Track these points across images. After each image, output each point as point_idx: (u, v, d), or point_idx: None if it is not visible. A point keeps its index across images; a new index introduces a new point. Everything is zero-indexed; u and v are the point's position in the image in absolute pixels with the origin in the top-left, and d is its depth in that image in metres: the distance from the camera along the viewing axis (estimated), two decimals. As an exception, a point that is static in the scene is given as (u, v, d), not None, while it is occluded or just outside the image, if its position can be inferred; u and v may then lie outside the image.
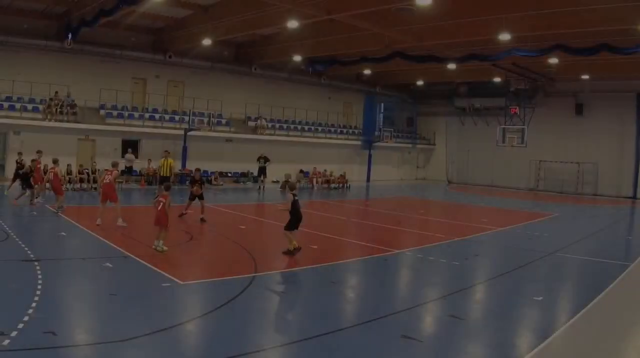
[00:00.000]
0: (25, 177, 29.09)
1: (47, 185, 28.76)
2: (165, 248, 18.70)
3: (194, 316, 12.78)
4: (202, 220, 26.32)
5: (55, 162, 28.08)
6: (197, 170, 29.06)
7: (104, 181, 24.70)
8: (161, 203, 19.23)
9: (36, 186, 29.18)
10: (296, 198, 19.78)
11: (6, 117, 40.41)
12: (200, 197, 27.20)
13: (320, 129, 60.31)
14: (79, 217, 26.42)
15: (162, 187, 20.76)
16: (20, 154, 32.89)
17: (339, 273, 18.16)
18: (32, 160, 29.67)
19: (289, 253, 19.48)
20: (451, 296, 15.59)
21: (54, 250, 18.97)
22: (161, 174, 36.50)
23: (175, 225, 24.45)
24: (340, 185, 53.42)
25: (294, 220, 19.52)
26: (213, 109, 50.65)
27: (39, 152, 30.55)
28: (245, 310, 13.37)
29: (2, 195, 31.53)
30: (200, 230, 24.79)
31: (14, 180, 31.42)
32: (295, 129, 57.99)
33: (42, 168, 29.97)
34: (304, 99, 61.12)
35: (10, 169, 32.31)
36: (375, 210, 38.80)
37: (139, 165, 44.60)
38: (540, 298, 15.78)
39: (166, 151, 37.51)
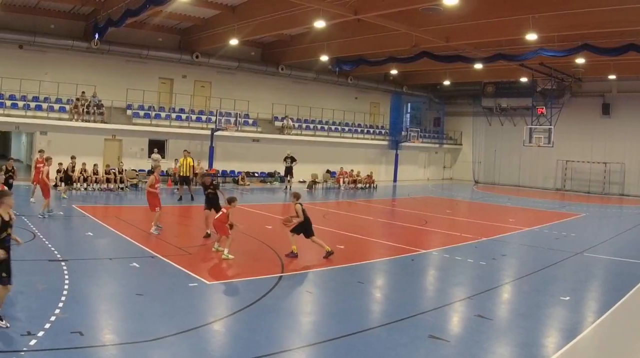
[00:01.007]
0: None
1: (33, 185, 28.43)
2: (230, 256, 18.45)
3: (221, 316, 12.78)
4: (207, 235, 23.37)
5: (47, 159, 26.33)
6: (206, 175, 26.53)
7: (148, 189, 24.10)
8: (222, 214, 19.35)
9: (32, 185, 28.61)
10: (302, 207, 19.59)
11: (33, 117, 40.69)
12: (215, 207, 22.94)
13: (347, 129, 60.20)
14: (106, 217, 26.55)
15: (227, 199, 20.25)
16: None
17: (366, 273, 18.16)
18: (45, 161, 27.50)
19: (328, 254, 19.42)
20: (478, 296, 15.54)
21: (81, 250, 19.01)
22: (181, 174, 36.52)
23: (201, 225, 24.50)
24: (367, 185, 53.21)
25: (304, 225, 19.51)
26: (240, 109, 50.60)
27: (40, 151, 30.28)
28: (272, 310, 13.38)
29: (28, 196, 31.51)
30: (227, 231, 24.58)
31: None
32: (322, 129, 57.92)
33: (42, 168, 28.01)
34: (331, 99, 61.11)
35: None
36: (402, 210, 38.74)
37: (165, 165, 44.18)
38: (567, 298, 15.72)
39: (186, 151, 37.59)
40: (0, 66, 40.85)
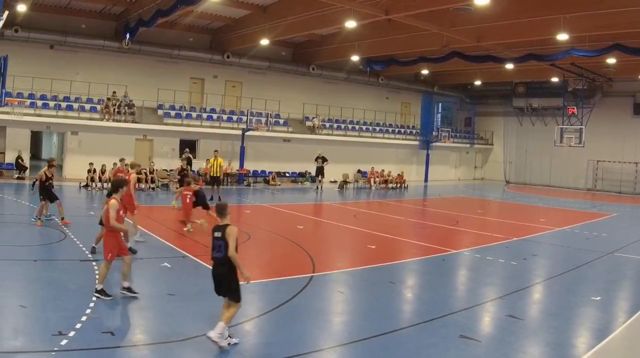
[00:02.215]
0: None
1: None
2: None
3: (252, 316, 12.73)
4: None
5: (132, 166, 23.87)
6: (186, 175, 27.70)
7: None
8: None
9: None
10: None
11: (64, 117, 40.84)
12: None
13: (378, 129, 60.08)
14: (137, 216, 26.59)
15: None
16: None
17: (397, 273, 18.10)
18: (50, 165, 24.84)
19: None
20: (509, 296, 15.50)
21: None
22: (212, 174, 36.62)
23: (233, 224, 24.70)
24: (398, 185, 53.11)
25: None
26: (271, 109, 50.71)
27: (121, 159, 29.48)
28: (303, 310, 13.41)
29: (60, 196, 31.33)
30: (258, 230, 24.64)
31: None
32: (353, 129, 57.79)
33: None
34: (362, 98, 60.99)
35: (69, 169, 31.75)
36: (433, 210, 38.65)
37: (196, 165, 44.42)
38: (599, 298, 15.67)
39: (215, 150, 37.64)
40: (31, 66, 40.98)
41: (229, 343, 10.70)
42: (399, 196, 46.89)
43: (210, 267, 11.08)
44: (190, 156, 40.90)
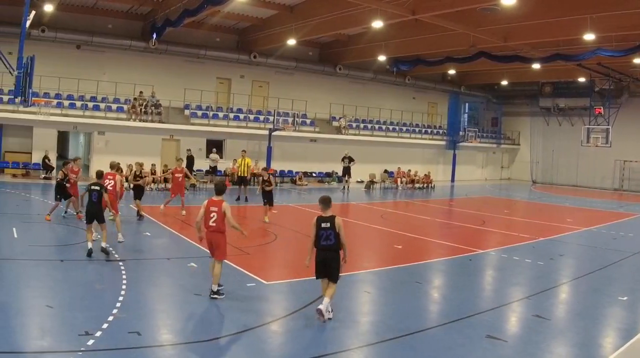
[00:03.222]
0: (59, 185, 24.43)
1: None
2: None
3: (279, 316, 12.83)
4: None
5: (73, 160, 25.40)
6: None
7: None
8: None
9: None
10: None
11: (91, 117, 41.08)
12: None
13: (404, 129, 59.93)
14: (164, 216, 26.67)
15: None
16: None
17: (423, 273, 18.12)
18: (64, 164, 25.56)
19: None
20: (536, 296, 15.47)
21: (139, 250, 19.24)
22: (239, 174, 36.61)
23: (259, 225, 24.72)
24: (425, 185, 52.97)
25: None
26: (297, 109, 50.76)
27: (179, 160, 29.47)
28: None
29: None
30: (285, 230, 24.78)
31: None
32: (380, 129, 57.69)
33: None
34: (389, 99, 60.88)
35: (96, 169, 32.00)
36: (459, 210, 38.56)
37: (223, 165, 44.73)
38: (625, 298, 15.62)
39: (243, 151, 37.69)
40: (58, 66, 41.25)
41: (329, 318, 12.36)
42: (426, 196, 46.79)
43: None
44: (193, 155, 41.31)
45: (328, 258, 12.59)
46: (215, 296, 13.56)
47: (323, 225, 12.61)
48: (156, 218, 25.81)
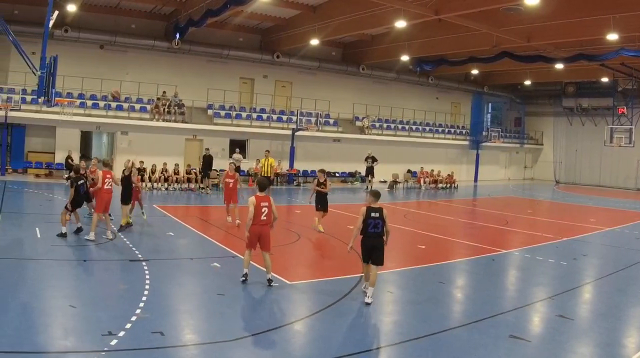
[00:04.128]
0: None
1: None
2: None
3: (302, 316, 12.82)
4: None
5: (105, 165, 21.68)
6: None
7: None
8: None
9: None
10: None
11: (114, 117, 41.26)
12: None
13: (428, 129, 59.86)
14: (187, 216, 26.84)
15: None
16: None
17: (447, 273, 18.10)
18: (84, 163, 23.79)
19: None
20: (559, 296, 15.41)
21: (162, 250, 19.19)
22: (262, 174, 36.56)
23: (283, 225, 24.68)
24: (448, 185, 52.86)
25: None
26: (321, 109, 50.96)
27: (231, 163, 28.23)
28: (353, 310, 13.41)
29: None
30: (308, 231, 24.63)
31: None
32: (403, 129, 57.60)
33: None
34: (412, 98, 60.82)
35: (119, 169, 31.73)
36: (482, 210, 38.51)
37: (246, 165, 44.73)
38: (649, 298, 15.59)
39: (267, 151, 37.69)
40: (81, 66, 41.47)
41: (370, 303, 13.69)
42: (449, 196, 46.73)
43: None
44: (212, 155, 40.85)
45: (376, 244, 13.96)
46: (272, 285, 14.73)
47: (372, 214, 13.95)
48: (180, 218, 25.80)
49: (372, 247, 14.01)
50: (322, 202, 24.38)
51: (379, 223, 13.97)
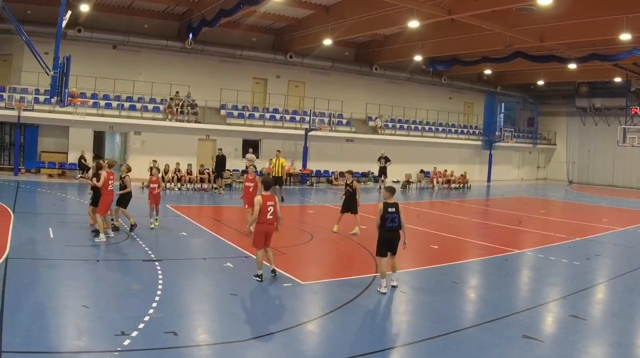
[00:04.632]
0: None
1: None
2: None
3: (315, 316, 12.79)
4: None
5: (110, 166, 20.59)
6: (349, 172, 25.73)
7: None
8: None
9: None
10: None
11: (127, 117, 41.43)
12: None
13: (440, 129, 59.82)
14: (200, 216, 26.85)
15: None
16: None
17: (459, 273, 18.07)
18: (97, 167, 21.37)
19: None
20: (572, 296, 15.39)
21: (175, 250, 19.21)
22: (273, 174, 36.64)
23: (295, 225, 24.71)
24: (461, 185, 52.72)
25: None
26: (333, 109, 50.99)
27: (251, 164, 27.57)
28: (366, 310, 13.43)
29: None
30: (321, 230, 24.63)
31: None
32: (416, 129, 57.57)
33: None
34: (425, 98, 60.76)
35: (132, 169, 31.65)
36: (495, 210, 38.41)
37: (259, 165, 43.94)
38: (663, 298, 15.53)
39: (278, 151, 37.75)
40: (94, 66, 41.64)
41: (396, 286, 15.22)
42: (462, 196, 46.69)
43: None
44: (225, 155, 40.67)
45: (394, 238, 15.00)
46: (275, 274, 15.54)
47: (389, 209, 14.95)
48: (193, 218, 25.82)
49: (391, 240, 14.97)
50: (352, 205, 24.13)
51: (396, 217, 14.90)
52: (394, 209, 15.00)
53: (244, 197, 23.62)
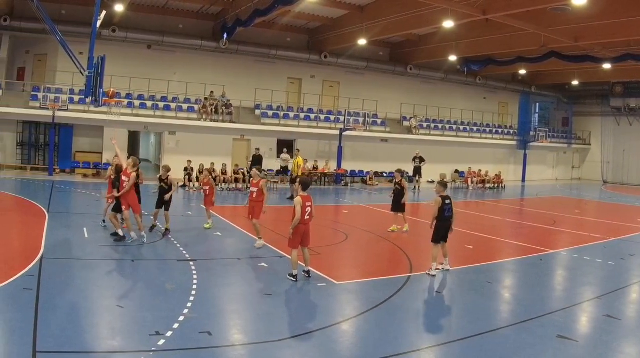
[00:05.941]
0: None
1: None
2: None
3: (349, 316, 12.78)
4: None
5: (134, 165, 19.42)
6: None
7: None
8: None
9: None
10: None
11: (162, 117, 41.56)
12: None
13: (475, 129, 59.63)
14: (234, 216, 26.83)
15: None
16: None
17: (494, 274, 17.98)
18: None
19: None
20: (606, 296, 15.34)
21: (209, 250, 19.28)
22: (292, 174, 36.55)
23: (330, 225, 24.74)
24: (496, 185, 52.57)
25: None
26: (368, 109, 50.92)
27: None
28: (401, 310, 13.39)
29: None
30: (356, 230, 24.66)
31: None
32: (451, 129, 57.42)
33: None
34: (459, 99, 60.68)
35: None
36: (530, 210, 38.19)
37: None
38: (698, 298, 15.41)
39: (297, 149, 37.74)
40: (129, 66, 41.92)
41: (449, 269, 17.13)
42: (497, 196, 46.49)
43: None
44: (261, 155, 41.06)
45: (449, 226, 17.01)
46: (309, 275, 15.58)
47: (447, 201, 16.93)
48: (227, 218, 25.93)
49: (447, 229, 16.96)
50: (398, 204, 24.34)
51: (451, 208, 17.04)
52: (449, 201, 16.98)
53: (249, 205, 20.96)
